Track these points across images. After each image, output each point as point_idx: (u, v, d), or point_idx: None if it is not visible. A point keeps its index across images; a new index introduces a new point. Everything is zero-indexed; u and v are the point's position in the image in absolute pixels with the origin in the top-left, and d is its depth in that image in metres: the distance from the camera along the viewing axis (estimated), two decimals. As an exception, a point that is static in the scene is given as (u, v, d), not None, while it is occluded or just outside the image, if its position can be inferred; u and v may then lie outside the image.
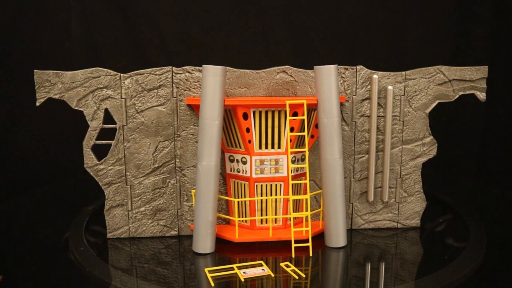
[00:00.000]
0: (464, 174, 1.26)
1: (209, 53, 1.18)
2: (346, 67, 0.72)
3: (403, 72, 0.73)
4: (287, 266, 0.63)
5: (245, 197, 0.72)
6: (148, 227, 0.74)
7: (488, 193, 1.08)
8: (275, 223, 0.73)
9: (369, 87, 0.73)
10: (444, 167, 1.24)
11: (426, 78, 0.73)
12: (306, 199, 0.74)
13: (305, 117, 0.67)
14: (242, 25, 1.19)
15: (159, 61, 1.14)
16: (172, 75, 0.70)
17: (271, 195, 0.72)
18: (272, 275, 0.60)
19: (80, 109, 0.70)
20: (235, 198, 0.73)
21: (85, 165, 0.72)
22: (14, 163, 1.15)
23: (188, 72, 0.70)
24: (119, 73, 0.70)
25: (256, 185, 0.71)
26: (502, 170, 1.22)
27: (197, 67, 0.70)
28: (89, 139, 0.71)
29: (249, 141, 0.69)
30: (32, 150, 1.17)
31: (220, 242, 0.70)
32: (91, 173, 0.72)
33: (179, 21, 1.17)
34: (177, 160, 0.73)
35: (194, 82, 0.71)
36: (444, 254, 0.68)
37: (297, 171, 0.72)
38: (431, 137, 0.76)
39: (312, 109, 0.70)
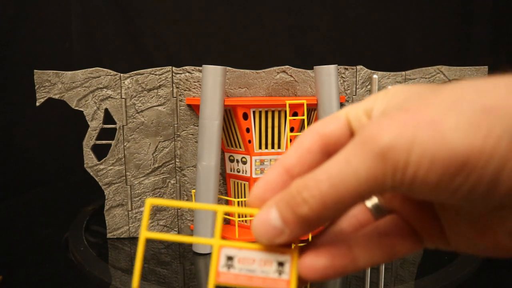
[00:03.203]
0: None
1: (209, 53, 1.18)
2: (346, 67, 0.72)
3: (403, 72, 0.73)
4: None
5: (245, 197, 0.72)
6: (148, 227, 0.74)
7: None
8: (275, 223, 0.73)
9: (369, 87, 0.73)
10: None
11: (426, 78, 0.73)
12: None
13: (305, 117, 0.67)
14: (242, 26, 1.19)
15: (159, 61, 1.14)
16: (172, 75, 0.70)
17: (271, 195, 0.72)
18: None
19: (80, 109, 0.70)
20: (235, 198, 0.73)
21: (85, 165, 0.72)
22: (14, 163, 1.15)
23: (188, 72, 0.70)
24: (119, 73, 0.70)
25: (256, 185, 0.71)
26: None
27: (197, 67, 0.70)
28: (89, 139, 0.71)
29: (249, 141, 0.69)
30: (32, 150, 1.17)
31: (220, 242, 0.70)
32: (91, 173, 0.72)
33: (179, 21, 1.17)
34: (177, 160, 0.73)
35: (194, 82, 0.70)
36: (444, 254, 0.68)
37: (297, 171, 0.72)
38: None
39: (312, 109, 0.70)
